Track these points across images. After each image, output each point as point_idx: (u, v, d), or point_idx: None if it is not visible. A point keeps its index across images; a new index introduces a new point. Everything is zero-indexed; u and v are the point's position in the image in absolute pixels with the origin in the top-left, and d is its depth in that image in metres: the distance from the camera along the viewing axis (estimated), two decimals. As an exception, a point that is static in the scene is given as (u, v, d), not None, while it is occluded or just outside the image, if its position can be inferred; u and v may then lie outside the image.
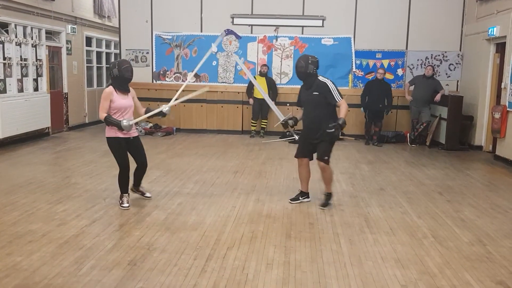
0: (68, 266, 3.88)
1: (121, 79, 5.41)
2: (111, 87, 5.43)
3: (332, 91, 5.47)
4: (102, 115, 5.32)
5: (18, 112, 9.35)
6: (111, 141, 5.44)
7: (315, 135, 5.60)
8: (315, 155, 5.75)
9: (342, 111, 5.45)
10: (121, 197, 5.59)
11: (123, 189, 5.59)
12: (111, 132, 5.40)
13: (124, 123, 5.30)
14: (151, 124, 11.64)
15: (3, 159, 8.18)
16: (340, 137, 11.16)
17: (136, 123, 5.61)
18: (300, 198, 5.88)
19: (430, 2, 11.21)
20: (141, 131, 11.25)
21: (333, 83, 5.56)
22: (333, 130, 5.40)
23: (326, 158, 5.57)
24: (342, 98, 5.51)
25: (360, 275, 3.84)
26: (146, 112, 5.65)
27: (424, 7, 11.20)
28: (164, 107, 5.71)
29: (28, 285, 3.55)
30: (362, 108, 10.64)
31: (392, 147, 10.40)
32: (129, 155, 5.61)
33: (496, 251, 4.43)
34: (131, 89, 5.63)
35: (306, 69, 5.48)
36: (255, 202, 5.87)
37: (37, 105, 10.04)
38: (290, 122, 5.90)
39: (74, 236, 4.56)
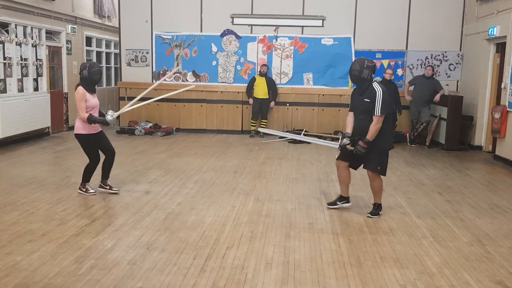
0: (68, 265, 3.89)
1: (89, 81, 5.79)
2: (82, 88, 5.75)
3: (377, 101, 5.08)
4: (84, 115, 5.70)
5: (18, 112, 9.36)
6: (83, 138, 5.85)
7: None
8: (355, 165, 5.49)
9: (371, 130, 5.09)
10: (84, 185, 6.00)
11: (87, 178, 6.00)
12: (83, 130, 5.80)
13: (109, 117, 5.74)
14: (150, 124, 11.66)
15: (3, 158, 8.19)
16: (339, 137, 11.22)
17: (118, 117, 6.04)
18: (338, 202, 5.64)
19: (430, 2, 11.21)
20: (141, 131, 11.27)
21: (384, 93, 5.12)
22: (348, 143, 5.24)
23: (378, 168, 5.25)
24: (381, 115, 5.09)
25: (359, 275, 3.84)
26: (88, 118, 5.75)
27: (424, 7, 11.21)
28: (109, 116, 5.83)
29: (28, 284, 3.55)
30: None
31: (392, 147, 10.39)
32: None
33: (495, 251, 4.43)
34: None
35: (360, 74, 5.15)
36: (254, 202, 5.87)
37: (37, 105, 10.04)
38: (346, 141, 5.32)
39: (74, 235, 4.56)
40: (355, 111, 5.38)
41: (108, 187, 6.09)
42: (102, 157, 6.08)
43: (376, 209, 5.45)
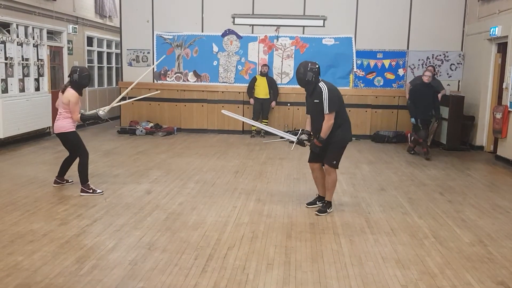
0: (69, 265, 3.89)
1: (79, 84, 6.01)
2: (74, 91, 5.97)
3: (324, 99, 5.22)
4: (77, 116, 5.98)
5: (19, 112, 9.36)
6: (73, 134, 6.08)
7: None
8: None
9: (323, 128, 5.24)
10: (88, 186, 6.02)
11: (86, 177, 6.05)
12: (71, 127, 6.03)
13: (101, 113, 6.09)
14: (151, 124, 11.66)
15: (5, 158, 8.20)
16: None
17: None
18: (317, 202, 5.70)
19: (431, 1, 11.20)
20: (142, 131, 11.27)
21: (329, 91, 5.24)
22: (306, 139, 5.46)
23: (334, 162, 5.37)
24: (331, 112, 5.21)
25: (361, 275, 3.84)
26: (81, 117, 6.07)
27: (425, 7, 11.19)
28: (100, 111, 6.14)
29: (29, 284, 3.55)
30: (412, 119, 9.15)
31: (393, 147, 10.39)
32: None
33: (497, 252, 4.42)
34: None
35: (304, 76, 5.30)
36: (255, 202, 5.87)
37: (39, 105, 10.05)
38: (304, 136, 5.57)
39: (75, 235, 4.56)
40: (311, 115, 5.55)
41: (65, 181, 6.40)
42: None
43: (325, 207, 5.50)
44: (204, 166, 7.93)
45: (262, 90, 11.25)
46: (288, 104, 11.75)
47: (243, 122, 11.80)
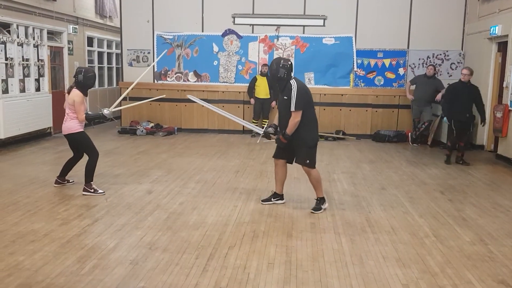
0: (70, 265, 3.89)
1: (84, 85, 6.02)
2: (79, 92, 5.99)
3: (292, 97, 5.24)
4: (83, 116, 5.98)
5: (20, 112, 9.38)
6: (81, 135, 6.08)
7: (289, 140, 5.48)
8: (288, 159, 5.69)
9: (289, 125, 5.27)
10: (90, 186, 6.02)
11: (91, 177, 6.05)
12: (78, 127, 6.03)
13: (106, 111, 6.12)
14: (152, 124, 11.66)
15: (6, 159, 8.20)
16: (342, 136, 11.23)
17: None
18: (272, 199, 5.77)
19: (431, 1, 11.19)
20: (142, 131, 11.28)
21: (298, 89, 5.26)
22: (272, 132, 5.49)
23: (307, 162, 5.43)
24: (297, 110, 5.23)
25: (362, 275, 3.84)
26: (86, 117, 6.08)
27: (425, 6, 11.19)
28: (106, 110, 6.17)
29: (30, 284, 3.56)
30: (445, 118, 8.76)
31: (393, 147, 10.40)
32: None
33: (498, 251, 4.43)
34: None
35: (277, 73, 5.32)
36: (256, 201, 5.87)
37: (39, 105, 10.06)
38: (270, 129, 5.60)
39: (76, 235, 4.57)
40: (280, 111, 5.57)
41: (66, 181, 6.41)
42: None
43: (318, 204, 5.52)
44: (205, 165, 7.93)
45: (262, 90, 11.25)
46: (289, 104, 11.73)
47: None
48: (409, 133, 10.90)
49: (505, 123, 8.66)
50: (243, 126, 11.77)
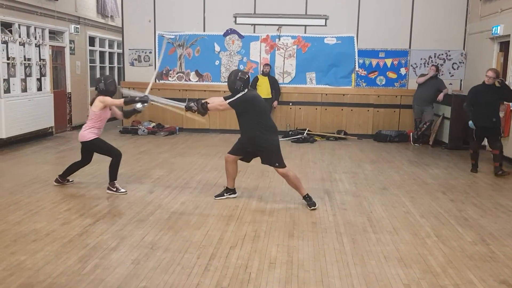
0: (72, 265, 3.89)
1: (107, 92, 6.10)
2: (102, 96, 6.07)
3: (236, 96, 5.54)
4: (120, 102, 5.98)
5: (21, 111, 9.38)
6: (96, 142, 6.11)
7: (246, 144, 5.74)
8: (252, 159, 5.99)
9: (215, 103, 5.64)
10: (113, 185, 6.10)
11: (115, 176, 6.12)
12: (92, 135, 6.07)
13: (139, 106, 5.98)
14: (154, 124, 11.67)
15: (7, 158, 8.21)
16: (343, 136, 11.22)
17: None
18: (225, 194, 5.93)
19: (433, 0, 11.18)
20: (144, 130, 11.29)
21: (245, 96, 5.53)
22: (192, 105, 5.71)
23: (277, 164, 5.61)
24: (229, 103, 5.55)
25: (363, 274, 3.84)
26: (125, 101, 6.05)
27: (427, 6, 11.18)
28: (139, 104, 6.06)
29: (32, 284, 3.56)
30: (470, 122, 7.70)
31: (395, 147, 10.39)
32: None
33: (500, 251, 4.42)
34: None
35: (233, 85, 5.55)
36: (257, 201, 5.87)
37: (41, 104, 10.07)
38: (193, 105, 5.77)
39: (77, 235, 4.57)
40: (238, 121, 5.77)
41: (66, 181, 6.44)
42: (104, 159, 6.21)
43: (309, 200, 5.61)
44: (206, 165, 7.93)
45: (264, 90, 11.22)
46: (290, 104, 11.75)
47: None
48: (411, 133, 10.89)
49: (507, 123, 8.65)
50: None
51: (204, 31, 11.70)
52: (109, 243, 4.39)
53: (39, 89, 10.18)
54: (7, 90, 9.13)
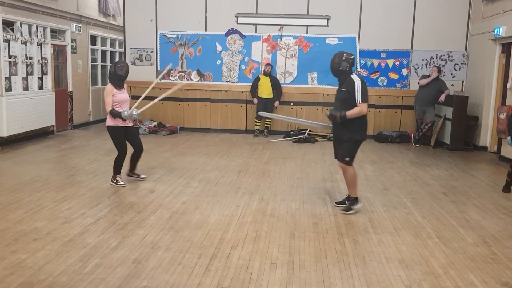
0: (72, 264, 3.89)
1: (115, 76, 6.25)
2: (110, 84, 6.30)
3: (356, 91, 5.25)
4: (109, 109, 6.20)
5: (23, 110, 9.38)
6: (112, 129, 6.32)
7: (337, 134, 5.52)
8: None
9: (354, 110, 5.28)
10: (114, 177, 6.41)
11: (117, 170, 6.42)
12: (112, 122, 6.27)
13: (125, 113, 6.17)
14: (155, 123, 11.67)
15: (8, 157, 8.21)
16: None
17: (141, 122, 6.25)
18: (346, 202, 5.63)
19: (435, 1, 11.17)
20: (145, 129, 11.28)
21: (363, 83, 5.31)
22: (328, 114, 5.46)
23: (346, 159, 5.44)
24: (364, 102, 5.25)
25: (364, 275, 3.83)
26: (111, 112, 6.23)
27: (429, 7, 11.16)
28: (125, 112, 6.22)
29: (33, 282, 3.56)
30: (508, 138, 6.53)
31: (396, 147, 10.38)
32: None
33: (501, 252, 4.41)
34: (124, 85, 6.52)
35: (339, 66, 5.37)
36: (259, 201, 5.87)
37: (42, 103, 10.07)
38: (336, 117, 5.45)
39: (78, 234, 4.57)
40: (335, 104, 5.55)
41: (136, 176, 6.74)
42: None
43: (350, 204, 5.48)
44: (208, 165, 7.93)
45: (265, 90, 11.24)
46: (292, 104, 11.74)
47: (246, 121, 11.79)
48: (412, 134, 10.88)
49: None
50: (246, 126, 11.80)
51: (205, 30, 11.69)
52: (110, 242, 4.38)
53: (41, 87, 10.18)
54: (9, 89, 9.13)
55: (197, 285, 3.58)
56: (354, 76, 5.39)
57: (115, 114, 6.19)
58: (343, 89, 5.39)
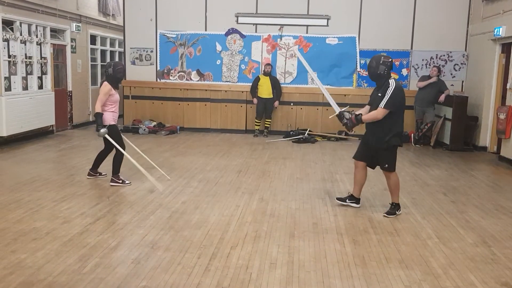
0: (72, 264, 3.89)
1: (114, 78, 6.36)
2: (108, 84, 6.31)
3: (386, 94, 5.16)
4: (99, 107, 6.23)
5: (22, 110, 9.37)
6: (111, 129, 6.30)
7: (370, 139, 5.42)
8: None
9: (369, 114, 5.29)
10: (117, 177, 6.39)
11: (118, 169, 6.40)
12: (112, 120, 6.33)
13: (101, 130, 6.18)
14: (154, 123, 11.66)
15: (8, 156, 8.21)
16: (344, 136, 11.21)
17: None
18: (347, 200, 5.69)
19: (435, 1, 11.16)
20: (144, 129, 11.28)
21: (396, 90, 5.18)
22: (349, 116, 5.44)
23: (386, 166, 5.36)
24: (386, 108, 5.15)
25: (364, 276, 3.83)
26: (95, 114, 6.35)
27: (429, 7, 11.16)
28: (102, 129, 6.24)
29: (32, 282, 3.55)
30: None
31: (396, 147, 10.36)
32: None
33: (501, 253, 4.41)
34: None
35: (376, 70, 5.23)
36: (258, 201, 5.86)
37: (42, 103, 10.06)
38: (347, 114, 5.50)
39: (78, 234, 4.57)
40: (370, 104, 5.51)
41: (98, 174, 6.76)
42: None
43: (393, 209, 5.46)
44: (207, 165, 7.93)
45: (265, 90, 11.24)
46: (291, 104, 11.74)
47: (246, 121, 11.78)
48: (412, 134, 10.87)
49: (509, 124, 8.63)
50: (246, 126, 11.79)
51: (205, 30, 11.68)
52: (110, 242, 4.38)
53: (40, 87, 10.18)
54: (8, 88, 9.12)
55: (197, 285, 3.58)
56: (391, 81, 5.27)
57: (99, 119, 6.21)
58: (379, 94, 5.26)
